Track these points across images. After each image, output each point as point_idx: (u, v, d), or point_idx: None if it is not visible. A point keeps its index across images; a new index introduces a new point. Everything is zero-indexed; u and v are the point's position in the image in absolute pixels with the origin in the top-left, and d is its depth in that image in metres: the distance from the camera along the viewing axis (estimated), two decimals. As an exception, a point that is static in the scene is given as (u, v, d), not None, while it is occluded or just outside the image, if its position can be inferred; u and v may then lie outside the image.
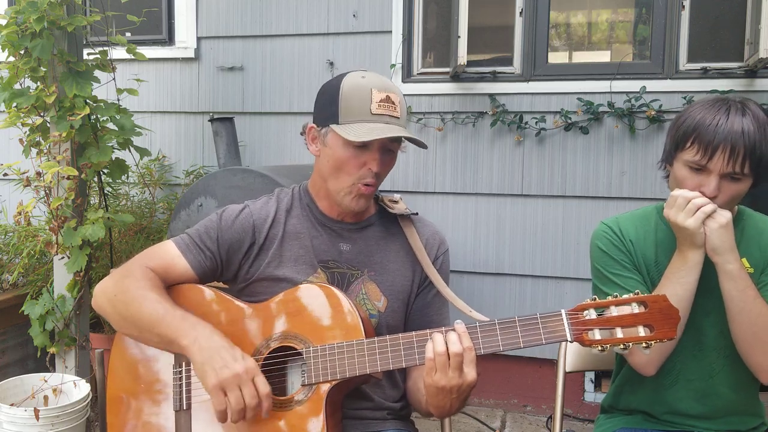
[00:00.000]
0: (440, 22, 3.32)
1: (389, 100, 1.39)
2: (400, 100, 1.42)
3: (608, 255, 1.56)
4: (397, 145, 1.44)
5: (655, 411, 1.59)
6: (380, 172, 1.42)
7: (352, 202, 1.43)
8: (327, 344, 1.32)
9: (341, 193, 1.43)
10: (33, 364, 3.15)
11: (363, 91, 1.39)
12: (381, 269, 1.49)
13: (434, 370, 1.23)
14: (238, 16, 3.47)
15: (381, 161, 1.41)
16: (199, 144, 3.59)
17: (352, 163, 1.40)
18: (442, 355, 1.22)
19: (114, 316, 1.42)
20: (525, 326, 1.23)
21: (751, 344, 1.45)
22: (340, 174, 1.42)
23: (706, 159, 1.39)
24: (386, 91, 1.40)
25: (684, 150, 1.43)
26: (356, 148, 1.39)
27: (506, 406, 3.30)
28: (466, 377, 1.23)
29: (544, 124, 3.10)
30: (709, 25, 3.04)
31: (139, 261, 1.46)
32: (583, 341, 1.20)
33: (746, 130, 1.37)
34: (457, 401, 1.27)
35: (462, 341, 1.22)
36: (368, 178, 1.41)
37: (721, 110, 1.41)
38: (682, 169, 1.45)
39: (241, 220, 1.49)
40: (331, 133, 1.41)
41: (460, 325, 1.25)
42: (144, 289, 1.38)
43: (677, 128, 1.46)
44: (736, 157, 1.37)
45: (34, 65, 2.60)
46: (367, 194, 1.43)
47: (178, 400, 1.40)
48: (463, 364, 1.22)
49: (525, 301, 3.21)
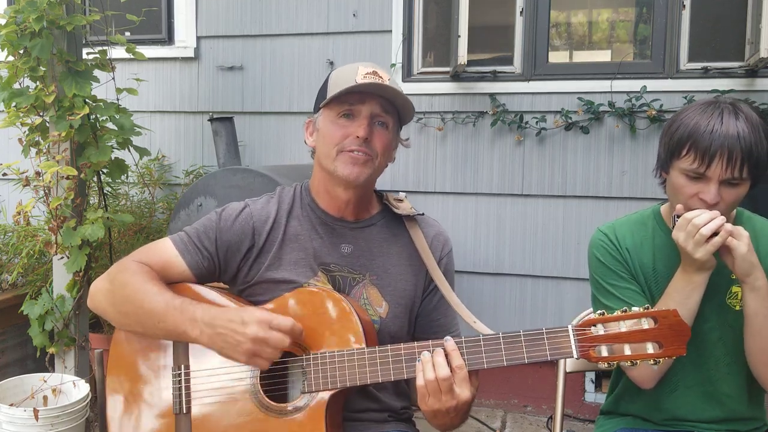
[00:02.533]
0: (440, 21, 3.32)
1: (376, 74, 1.38)
2: (390, 78, 1.40)
3: (605, 265, 1.54)
4: (390, 118, 1.41)
5: (654, 418, 1.58)
6: (370, 139, 1.38)
7: (345, 169, 1.38)
8: (327, 351, 1.30)
9: (333, 163, 1.39)
10: (32, 364, 3.14)
11: (350, 69, 1.41)
12: (383, 273, 1.47)
13: (427, 396, 1.22)
14: (238, 16, 3.46)
15: (369, 129, 1.37)
16: (199, 144, 3.59)
17: (339, 132, 1.39)
18: (432, 382, 1.20)
19: (113, 314, 1.41)
20: (530, 341, 1.21)
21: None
22: (328, 147, 1.40)
23: (704, 167, 1.36)
24: (374, 67, 1.39)
25: (680, 158, 1.40)
26: (343, 119, 1.38)
27: (506, 406, 3.29)
28: (459, 397, 1.20)
29: (545, 123, 3.09)
30: (709, 24, 3.03)
31: (136, 257, 1.44)
32: (590, 358, 1.17)
33: (741, 133, 1.34)
34: (457, 418, 1.26)
35: (451, 361, 1.21)
36: (353, 146, 1.37)
37: (714, 115, 1.37)
38: (680, 178, 1.41)
39: (241, 221, 1.47)
40: (321, 114, 1.42)
41: (449, 343, 1.23)
42: (142, 282, 1.36)
43: (670, 136, 1.43)
44: (734, 163, 1.35)
45: (33, 65, 2.60)
46: (359, 161, 1.38)
47: (178, 403, 1.38)
48: (455, 386, 1.20)
49: (525, 301, 3.20)
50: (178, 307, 1.32)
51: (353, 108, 1.38)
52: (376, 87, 1.36)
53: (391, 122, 1.43)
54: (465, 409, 1.24)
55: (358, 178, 1.39)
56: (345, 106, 1.38)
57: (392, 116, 1.42)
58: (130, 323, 1.39)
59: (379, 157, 1.41)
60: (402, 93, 1.38)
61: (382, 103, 1.39)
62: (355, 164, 1.38)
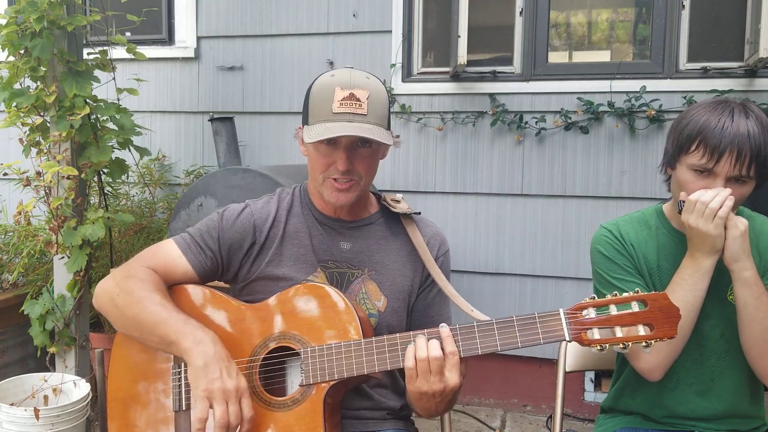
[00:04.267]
0: (440, 21, 3.32)
1: (353, 97, 1.37)
2: (369, 96, 1.37)
3: (610, 259, 1.55)
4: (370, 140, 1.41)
5: (654, 414, 1.59)
6: (351, 169, 1.39)
7: (331, 197, 1.42)
8: (324, 344, 1.32)
9: (320, 187, 1.43)
10: (33, 363, 3.15)
11: (327, 90, 1.39)
12: (381, 268, 1.49)
13: (415, 376, 1.23)
14: (238, 16, 3.47)
15: (349, 159, 1.38)
16: (199, 144, 3.59)
17: (322, 161, 1.40)
18: (422, 361, 1.22)
19: (116, 316, 1.43)
20: (523, 326, 1.23)
21: (762, 351, 1.44)
22: (314, 171, 1.44)
23: (713, 162, 1.38)
24: (351, 88, 1.37)
25: (688, 153, 1.41)
26: (325, 146, 1.39)
27: (506, 406, 3.30)
28: (448, 382, 1.22)
29: (544, 123, 3.10)
30: (709, 24, 3.04)
31: (141, 261, 1.46)
32: (582, 341, 1.19)
33: (752, 132, 1.36)
34: (442, 404, 1.27)
35: (444, 346, 1.22)
36: (335, 175, 1.39)
37: (725, 112, 1.39)
38: (687, 173, 1.43)
39: (242, 219, 1.50)
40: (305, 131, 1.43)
41: (444, 329, 1.25)
42: (147, 290, 1.38)
43: (680, 131, 1.44)
44: (743, 161, 1.36)
45: (34, 65, 2.60)
46: (343, 189, 1.40)
47: (178, 401, 1.40)
48: (445, 369, 1.22)
49: (525, 301, 3.21)
50: (182, 318, 1.34)
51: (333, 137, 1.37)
52: (347, 132, 1.33)
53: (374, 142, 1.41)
54: (451, 397, 1.26)
55: (345, 203, 1.43)
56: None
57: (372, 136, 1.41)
58: (130, 329, 1.41)
59: (364, 178, 1.43)
60: (371, 138, 1.34)
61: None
62: (340, 192, 1.41)
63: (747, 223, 1.40)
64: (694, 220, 1.39)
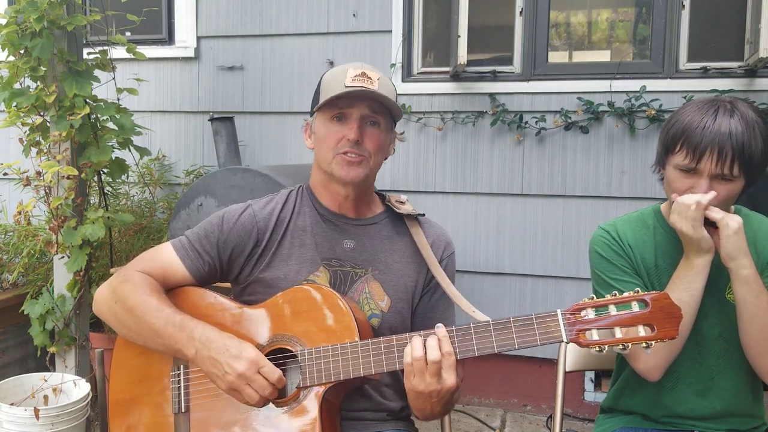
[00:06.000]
0: (440, 21, 3.32)
1: (365, 75, 1.41)
2: (379, 78, 1.42)
3: (608, 260, 1.56)
4: (380, 118, 1.44)
5: (654, 414, 1.59)
6: (361, 141, 1.42)
7: (342, 171, 1.43)
8: (321, 347, 1.32)
9: (330, 164, 1.44)
10: (33, 363, 3.15)
11: (339, 71, 1.44)
12: (385, 268, 1.49)
13: (412, 375, 1.23)
14: (238, 16, 3.47)
15: (359, 131, 1.41)
16: (199, 143, 3.59)
17: (333, 137, 1.43)
18: (419, 360, 1.22)
19: (115, 324, 1.44)
20: (520, 327, 1.22)
21: (763, 349, 1.44)
22: (324, 148, 1.44)
23: (695, 162, 1.40)
24: (362, 68, 1.42)
25: (674, 153, 1.44)
26: (335, 122, 1.42)
27: (506, 406, 3.30)
28: (444, 383, 1.22)
29: (544, 123, 3.10)
30: (709, 24, 3.04)
31: (137, 266, 1.46)
32: (580, 342, 1.18)
33: (734, 131, 1.37)
34: (438, 405, 1.27)
35: (441, 346, 1.22)
36: (346, 147, 1.41)
37: (709, 112, 1.41)
38: (674, 172, 1.45)
39: (243, 221, 1.49)
40: (316, 118, 1.47)
41: (441, 330, 1.25)
42: (143, 295, 1.39)
43: (666, 132, 1.47)
44: (724, 159, 1.38)
45: (34, 65, 2.60)
46: (354, 162, 1.42)
47: (177, 403, 1.40)
48: (442, 370, 1.22)
49: (525, 301, 3.21)
50: (178, 324, 1.34)
51: (344, 111, 1.42)
52: (361, 92, 1.39)
53: (383, 121, 1.46)
54: (448, 398, 1.26)
55: (355, 179, 1.43)
56: (336, 109, 1.43)
57: (383, 115, 1.45)
58: (131, 335, 1.42)
59: (373, 157, 1.45)
60: (387, 97, 1.41)
61: (372, 104, 1.42)
62: (350, 166, 1.42)
63: (740, 221, 1.41)
64: (677, 222, 1.42)
